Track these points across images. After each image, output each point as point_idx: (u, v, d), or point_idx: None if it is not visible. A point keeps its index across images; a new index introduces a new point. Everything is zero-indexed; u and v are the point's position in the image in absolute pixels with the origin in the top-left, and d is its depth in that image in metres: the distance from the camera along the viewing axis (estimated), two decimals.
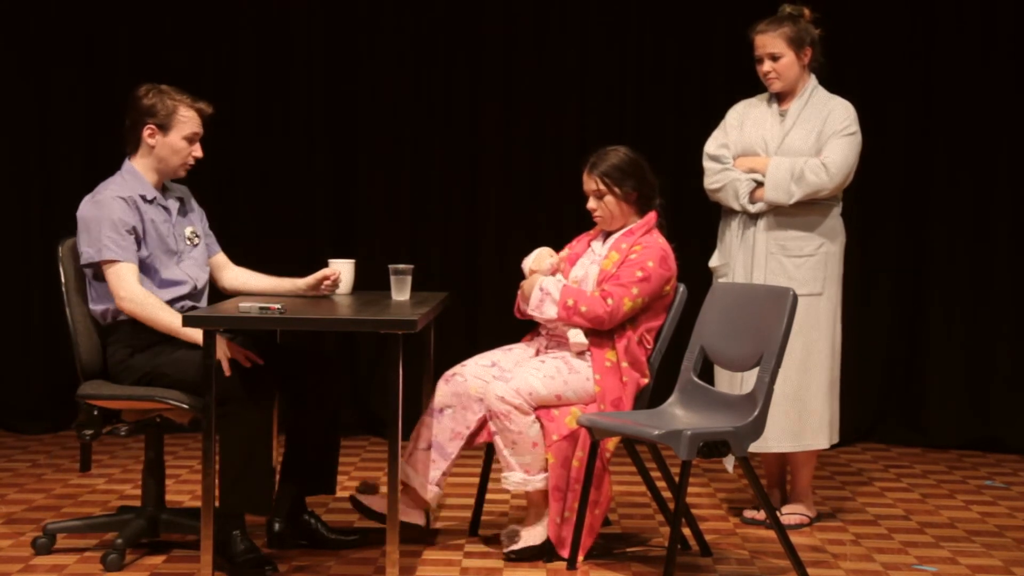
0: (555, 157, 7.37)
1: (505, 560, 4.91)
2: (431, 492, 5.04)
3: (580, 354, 5.00)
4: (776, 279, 5.38)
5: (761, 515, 5.49)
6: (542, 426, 4.91)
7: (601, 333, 4.98)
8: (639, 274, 4.95)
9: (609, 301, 4.92)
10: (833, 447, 5.71)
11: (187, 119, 4.92)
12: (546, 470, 4.90)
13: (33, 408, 7.31)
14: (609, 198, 5.06)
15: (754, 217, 5.45)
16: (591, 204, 5.10)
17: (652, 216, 5.10)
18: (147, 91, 4.93)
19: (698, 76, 7.30)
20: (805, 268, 5.43)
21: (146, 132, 4.90)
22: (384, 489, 5.18)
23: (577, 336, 4.98)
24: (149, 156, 4.92)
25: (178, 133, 4.90)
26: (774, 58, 5.42)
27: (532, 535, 4.93)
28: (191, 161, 4.96)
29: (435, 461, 5.04)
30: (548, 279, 5.01)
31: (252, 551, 4.66)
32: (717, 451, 4.61)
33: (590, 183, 5.08)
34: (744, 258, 5.46)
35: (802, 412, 5.43)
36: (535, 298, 4.99)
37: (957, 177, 7.23)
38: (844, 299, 5.61)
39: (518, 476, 4.91)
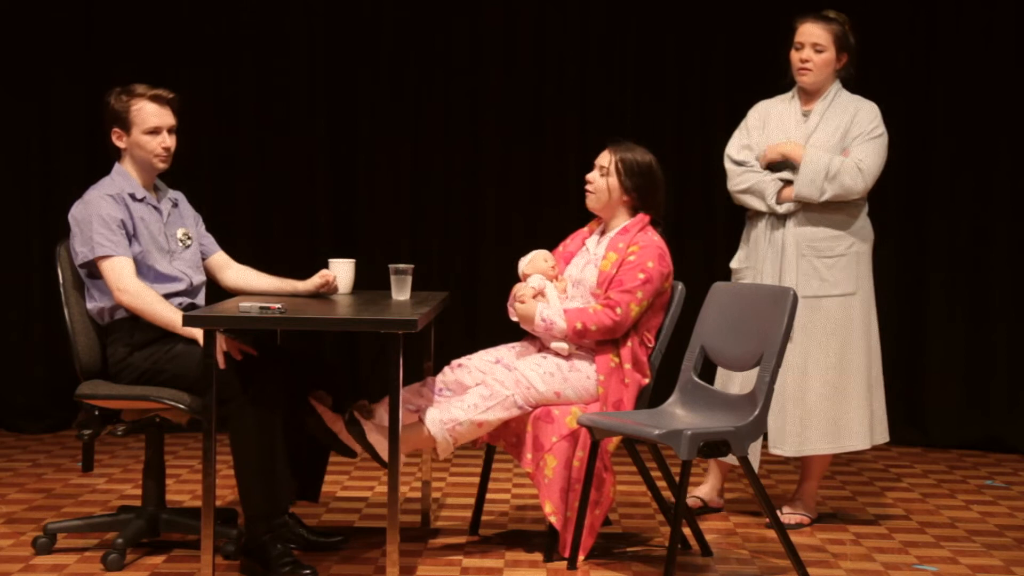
0: (555, 157, 7.37)
1: (344, 419, 4.80)
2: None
3: (569, 354, 5.02)
4: (808, 281, 5.36)
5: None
6: (534, 431, 4.90)
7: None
8: (641, 276, 4.94)
9: (618, 311, 4.91)
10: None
11: (140, 111, 4.88)
12: (455, 445, 4.84)
13: (33, 408, 7.32)
14: (612, 179, 5.06)
15: (782, 218, 5.43)
16: (591, 175, 5.10)
17: (644, 216, 5.08)
18: (112, 95, 4.92)
19: (699, 75, 7.29)
20: (837, 268, 5.41)
21: (114, 137, 4.92)
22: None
23: (559, 345, 5.00)
24: (128, 157, 4.93)
25: (138, 129, 4.89)
26: (817, 49, 5.40)
27: (378, 439, 4.74)
28: (161, 152, 4.92)
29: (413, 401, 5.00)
30: (547, 308, 4.99)
31: (287, 555, 4.63)
32: (718, 451, 4.61)
33: (604, 157, 5.08)
34: (773, 260, 5.43)
35: (841, 413, 5.41)
36: (539, 328, 4.99)
37: (957, 177, 7.23)
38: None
39: (439, 416, 4.84)
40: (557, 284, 5.11)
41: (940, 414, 7.25)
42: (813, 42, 5.40)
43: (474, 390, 4.90)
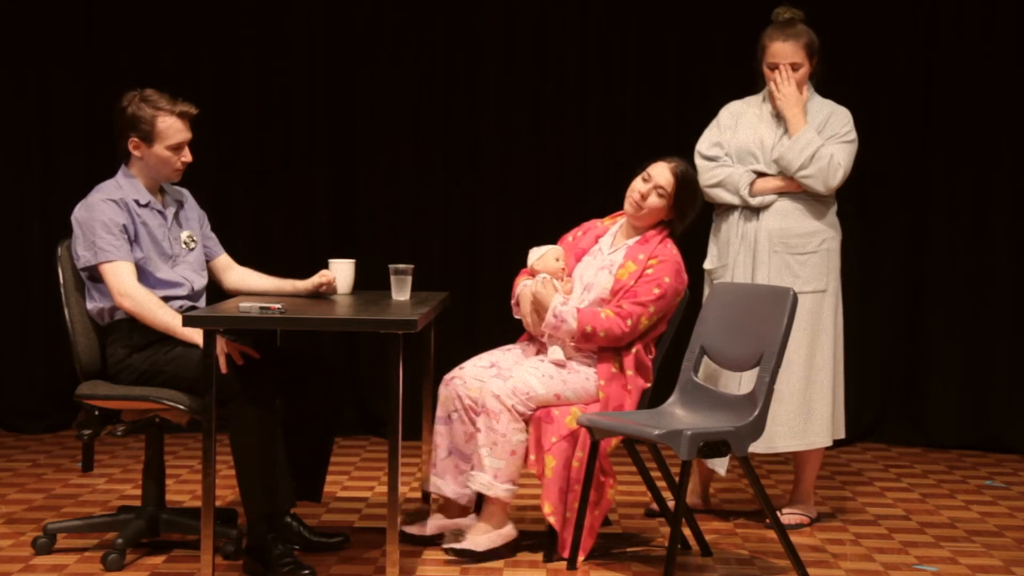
0: (555, 156, 7.37)
1: (445, 553, 4.89)
2: (465, 497, 5.03)
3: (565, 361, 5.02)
4: (780, 277, 5.37)
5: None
6: (535, 432, 4.89)
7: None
8: (656, 291, 4.94)
9: (628, 321, 4.91)
10: (834, 446, 5.71)
11: (168, 127, 4.85)
12: (514, 483, 4.89)
13: (33, 408, 7.31)
14: (666, 202, 5.04)
15: (756, 212, 5.44)
16: (645, 191, 5.05)
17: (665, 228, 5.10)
18: (129, 101, 4.87)
19: (699, 74, 7.29)
20: (809, 265, 5.43)
21: (131, 145, 4.87)
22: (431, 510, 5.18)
23: (556, 353, 4.99)
24: (140, 164, 4.91)
25: (162, 144, 4.86)
26: (794, 67, 5.40)
27: (476, 541, 4.89)
28: (180, 167, 4.93)
29: (459, 466, 5.02)
30: (562, 304, 4.98)
31: (288, 555, 4.63)
32: (717, 451, 4.61)
33: (665, 176, 5.03)
34: (745, 257, 5.45)
35: (808, 410, 5.42)
36: (549, 323, 4.97)
37: (957, 176, 7.23)
38: (844, 297, 5.62)
39: (485, 478, 4.88)
40: (563, 284, 5.09)
41: (940, 414, 7.25)
42: (791, 62, 5.41)
43: (480, 423, 4.89)
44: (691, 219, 5.12)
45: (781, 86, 5.39)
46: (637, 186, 5.07)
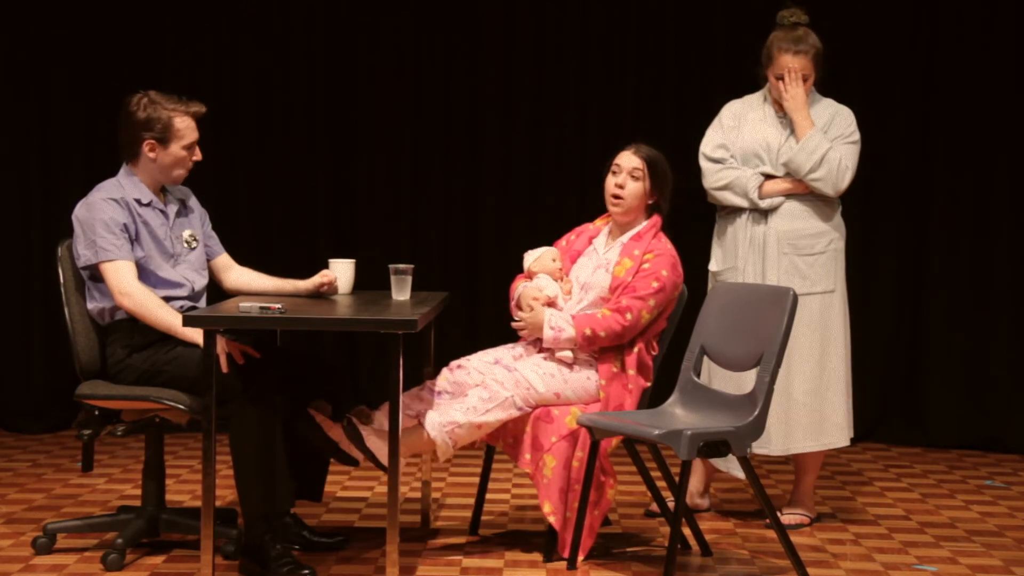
0: (555, 157, 7.37)
1: (343, 425, 4.79)
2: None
3: (574, 360, 5.01)
4: (790, 279, 5.36)
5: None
6: (533, 431, 4.89)
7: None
8: (655, 285, 4.94)
9: (628, 316, 4.91)
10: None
11: (184, 128, 4.87)
12: (454, 449, 4.83)
13: (33, 408, 7.31)
14: (644, 184, 5.05)
15: (764, 215, 5.43)
16: (621, 181, 5.06)
17: (657, 218, 5.09)
18: (139, 102, 4.86)
19: (698, 73, 7.30)
20: (818, 266, 5.43)
21: (146, 147, 4.86)
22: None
23: (564, 354, 4.99)
24: (150, 165, 4.90)
25: (177, 144, 4.87)
26: (803, 79, 5.40)
27: (373, 441, 4.77)
28: (191, 166, 4.94)
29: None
30: (555, 316, 4.99)
31: (287, 555, 4.62)
32: (717, 451, 4.61)
33: (633, 160, 5.04)
34: (755, 259, 5.44)
35: (823, 411, 5.43)
36: (548, 336, 4.96)
37: (957, 177, 7.23)
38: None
39: (438, 420, 4.84)
40: (562, 285, 5.10)
41: (940, 414, 7.25)
42: (802, 75, 5.39)
43: (473, 391, 4.90)
44: (669, 197, 5.08)
45: (789, 87, 5.39)
46: (611, 181, 5.09)
